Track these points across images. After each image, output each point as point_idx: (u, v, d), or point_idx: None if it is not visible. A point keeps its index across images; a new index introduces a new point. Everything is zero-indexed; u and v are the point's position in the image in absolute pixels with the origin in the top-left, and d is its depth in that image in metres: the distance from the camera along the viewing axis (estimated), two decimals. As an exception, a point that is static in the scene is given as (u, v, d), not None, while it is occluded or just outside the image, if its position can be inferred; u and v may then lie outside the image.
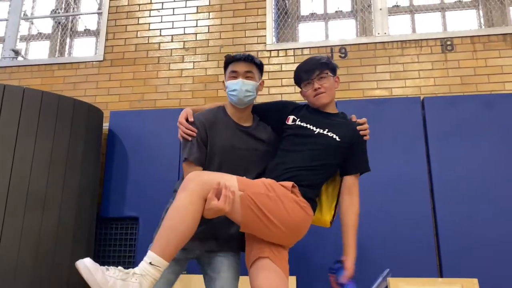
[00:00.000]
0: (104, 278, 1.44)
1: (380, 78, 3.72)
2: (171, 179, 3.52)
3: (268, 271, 1.69)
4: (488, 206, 3.11)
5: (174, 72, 4.05)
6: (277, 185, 1.70)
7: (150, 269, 1.49)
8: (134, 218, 3.52)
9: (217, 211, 1.57)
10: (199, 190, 1.58)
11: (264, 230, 1.65)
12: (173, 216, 1.56)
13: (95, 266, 1.46)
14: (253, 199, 1.60)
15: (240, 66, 1.90)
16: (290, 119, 1.93)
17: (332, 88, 1.93)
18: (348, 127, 1.89)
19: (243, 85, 1.87)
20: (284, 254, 1.76)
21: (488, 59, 3.63)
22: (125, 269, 1.49)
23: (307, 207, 1.73)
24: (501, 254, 3.01)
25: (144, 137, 3.70)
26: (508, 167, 3.19)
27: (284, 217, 1.64)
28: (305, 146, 1.84)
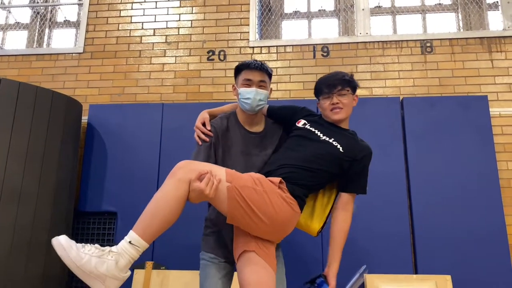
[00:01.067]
0: (78, 255, 1.43)
1: (361, 78, 3.76)
2: (150, 174, 3.50)
3: (254, 265, 1.70)
4: (463, 204, 3.20)
5: (156, 66, 4.01)
6: (265, 180, 1.71)
7: (129, 248, 1.50)
8: (112, 213, 3.48)
9: (199, 193, 1.58)
10: (185, 176, 1.59)
11: (249, 223, 1.66)
12: (157, 200, 1.58)
13: (69, 243, 1.45)
14: (240, 192, 1.61)
15: (254, 75, 1.93)
16: (301, 122, 1.98)
17: (350, 106, 1.95)
18: (354, 143, 1.91)
19: (256, 94, 1.91)
20: (271, 249, 1.76)
21: (465, 62, 3.71)
22: (101, 247, 1.49)
23: (294, 204, 1.74)
24: (473, 252, 3.10)
25: (124, 131, 3.66)
26: (482, 166, 3.29)
27: (270, 211, 1.65)
28: (307, 148, 1.86)
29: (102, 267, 1.44)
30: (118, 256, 1.48)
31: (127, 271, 1.51)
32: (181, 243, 3.29)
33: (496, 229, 3.17)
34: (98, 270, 1.44)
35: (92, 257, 1.45)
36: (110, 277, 1.46)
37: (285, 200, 1.71)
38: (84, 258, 1.44)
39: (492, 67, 3.67)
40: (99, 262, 1.44)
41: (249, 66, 1.94)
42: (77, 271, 1.44)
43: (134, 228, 1.54)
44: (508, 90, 3.60)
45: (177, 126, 3.61)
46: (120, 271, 1.48)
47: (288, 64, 3.88)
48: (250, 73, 1.94)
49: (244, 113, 1.98)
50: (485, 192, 3.24)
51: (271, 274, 1.70)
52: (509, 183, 3.37)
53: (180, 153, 3.55)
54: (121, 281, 1.49)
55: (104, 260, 1.45)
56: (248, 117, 1.99)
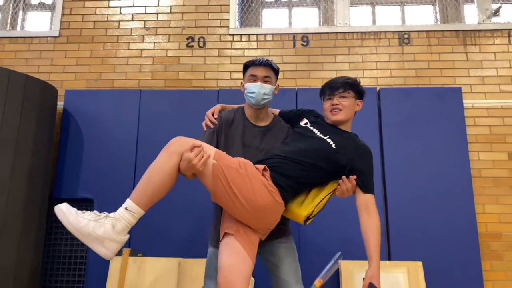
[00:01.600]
0: (76, 219, 1.58)
1: (339, 68, 3.80)
2: (128, 161, 3.48)
3: (231, 249, 1.75)
4: (435, 193, 3.29)
5: (134, 52, 3.95)
6: (250, 165, 1.79)
7: (125, 213, 1.63)
8: (88, 199, 3.44)
9: (188, 163, 1.67)
10: (178, 149, 1.69)
11: (230, 203, 1.72)
12: (151, 170, 1.69)
13: (69, 209, 1.60)
14: (223, 171, 1.69)
15: (259, 71, 2.05)
16: (303, 121, 2.07)
17: (351, 109, 2.00)
18: (350, 142, 1.93)
19: (261, 88, 2.02)
20: (253, 237, 1.79)
21: (441, 54, 3.78)
22: (99, 213, 1.63)
23: (275, 192, 1.76)
24: (444, 239, 3.20)
25: (100, 117, 3.61)
26: (455, 156, 3.38)
27: (249, 195, 1.70)
28: (301, 143, 1.91)
29: (99, 230, 1.57)
30: (115, 220, 1.61)
31: (125, 235, 1.63)
32: (158, 230, 3.30)
33: (467, 218, 3.27)
34: (95, 232, 1.57)
35: (90, 221, 1.58)
36: (108, 239, 1.58)
37: (267, 187, 1.74)
38: (82, 222, 1.57)
39: (466, 60, 3.76)
40: (97, 226, 1.57)
41: (254, 62, 2.07)
42: (76, 233, 1.58)
43: (130, 196, 1.67)
44: (481, 83, 3.69)
45: (155, 113, 3.58)
46: (118, 234, 1.60)
47: (268, 53, 3.88)
48: (256, 69, 2.06)
49: (251, 107, 2.09)
50: (457, 182, 3.33)
51: (246, 261, 1.73)
52: (479, 173, 3.47)
53: (158, 140, 3.52)
54: (119, 243, 1.61)
55: (101, 224, 1.58)
56: (254, 112, 2.09)
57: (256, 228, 1.82)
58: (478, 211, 3.34)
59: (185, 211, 3.30)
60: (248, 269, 1.74)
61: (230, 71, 3.83)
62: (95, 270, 3.25)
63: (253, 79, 2.06)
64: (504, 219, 3.38)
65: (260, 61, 2.06)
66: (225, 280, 1.71)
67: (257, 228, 1.82)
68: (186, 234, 3.31)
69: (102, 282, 3.01)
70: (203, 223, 3.33)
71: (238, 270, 1.72)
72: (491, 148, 3.54)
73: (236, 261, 1.73)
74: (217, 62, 3.87)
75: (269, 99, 2.07)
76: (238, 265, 1.73)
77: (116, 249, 1.62)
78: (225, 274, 1.72)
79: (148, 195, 1.66)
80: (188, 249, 3.22)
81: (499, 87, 3.68)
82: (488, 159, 3.51)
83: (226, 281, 1.71)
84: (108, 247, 1.60)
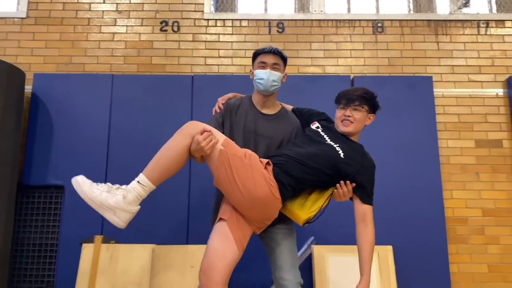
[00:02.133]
0: (90, 189, 1.71)
1: (314, 56, 3.81)
2: (99, 147, 3.42)
3: (220, 233, 1.82)
4: (406, 180, 3.38)
5: (106, 36, 3.85)
6: (255, 157, 1.86)
7: (137, 185, 1.75)
8: (59, 186, 3.37)
9: (197, 146, 1.76)
10: (191, 131, 1.80)
11: (230, 190, 1.80)
12: (164, 148, 1.82)
13: (84, 180, 1.74)
14: (229, 158, 1.78)
15: (269, 58, 2.14)
16: (315, 124, 2.12)
17: (361, 122, 2.04)
18: (357, 153, 1.98)
19: (270, 75, 2.10)
20: (245, 228, 1.84)
21: (413, 43, 3.85)
22: (112, 184, 1.76)
23: (274, 187, 1.80)
24: (413, 224, 3.30)
25: (71, 102, 3.52)
26: (425, 144, 3.48)
27: (249, 184, 1.76)
28: (310, 147, 1.95)
29: (111, 200, 1.71)
30: (126, 192, 1.73)
31: (136, 206, 1.76)
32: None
33: (435, 203, 3.38)
34: (108, 202, 1.70)
35: (103, 192, 1.71)
36: (119, 209, 1.71)
37: (267, 180, 1.79)
38: (96, 192, 1.71)
39: (437, 49, 3.83)
40: (109, 196, 1.71)
41: (264, 50, 2.15)
42: (90, 203, 1.71)
43: (143, 171, 1.78)
44: (451, 72, 3.78)
45: (128, 98, 3.52)
46: (129, 205, 1.73)
47: (243, 39, 3.85)
48: (265, 56, 2.14)
49: (259, 94, 2.17)
50: (427, 169, 3.43)
51: (232, 249, 1.78)
52: (448, 160, 3.58)
53: (130, 126, 3.52)
54: (131, 213, 1.75)
55: (113, 194, 1.72)
56: (262, 99, 2.17)
57: (251, 220, 1.86)
58: (446, 196, 3.46)
59: (158, 198, 3.27)
60: (232, 257, 1.78)
61: (205, 57, 3.79)
62: (66, 258, 3.19)
63: (262, 66, 2.13)
64: (470, 205, 3.51)
65: (270, 49, 2.14)
66: (207, 262, 1.77)
67: (252, 219, 1.86)
68: (160, 221, 3.29)
69: (73, 270, 2.97)
70: (177, 210, 3.33)
71: (222, 255, 1.76)
72: (459, 136, 3.64)
73: (222, 246, 1.78)
74: (191, 47, 3.81)
75: (277, 86, 2.15)
76: (223, 250, 1.77)
77: (127, 219, 1.74)
78: (208, 256, 1.78)
79: (159, 172, 1.77)
80: (162, 236, 3.21)
81: (468, 76, 3.78)
82: (456, 146, 3.62)
83: (208, 264, 1.76)
84: (120, 216, 1.73)
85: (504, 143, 3.63)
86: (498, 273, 3.39)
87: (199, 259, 1.85)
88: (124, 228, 1.77)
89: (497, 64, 3.80)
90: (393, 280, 2.88)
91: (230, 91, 2.33)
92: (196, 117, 3.45)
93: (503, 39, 3.86)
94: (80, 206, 3.23)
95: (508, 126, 3.66)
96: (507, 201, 3.51)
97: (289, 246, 2.09)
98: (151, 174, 1.76)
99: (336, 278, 2.90)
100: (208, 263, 1.76)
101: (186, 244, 3.17)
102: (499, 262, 3.40)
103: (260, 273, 3.13)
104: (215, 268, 1.74)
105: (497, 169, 3.57)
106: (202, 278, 1.76)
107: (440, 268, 3.27)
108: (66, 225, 3.30)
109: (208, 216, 2.30)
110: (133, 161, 2.49)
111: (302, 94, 3.44)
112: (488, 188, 3.54)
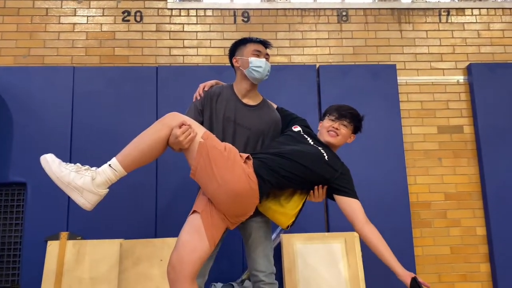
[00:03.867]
0: (59, 169, 1.68)
1: (280, 45, 3.81)
2: (62, 141, 3.33)
3: (191, 226, 1.81)
4: (371, 166, 3.45)
5: (65, 26, 3.72)
6: (235, 151, 1.85)
7: (107, 169, 1.72)
8: (21, 183, 3.27)
9: (175, 139, 1.75)
10: (170, 122, 1.78)
11: (207, 182, 1.78)
12: (141, 136, 1.79)
13: (53, 158, 1.71)
14: (208, 150, 1.76)
15: (262, 48, 2.17)
16: (297, 128, 2.17)
17: (345, 138, 2.14)
18: (337, 160, 2.05)
19: (266, 65, 2.14)
20: (218, 223, 1.83)
21: (377, 32, 3.89)
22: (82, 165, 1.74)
23: (253, 181, 1.80)
24: (378, 210, 3.33)
25: (31, 96, 3.40)
26: (389, 131, 3.55)
27: (227, 176, 1.75)
28: (295, 146, 1.98)
29: (79, 181, 1.67)
30: (96, 174, 1.70)
31: (104, 189, 1.72)
32: (97, 212, 3.19)
33: (400, 189, 3.47)
34: (75, 182, 1.66)
35: (71, 172, 1.68)
36: (87, 190, 1.68)
37: (246, 174, 1.78)
38: (64, 171, 1.67)
39: (401, 38, 3.90)
40: (77, 176, 1.67)
41: (253, 39, 2.18)
42: (57, 181, 1.67)
43: (117, 155, 1.76)
44: (414, 60, 3.86)
45: (91, 91, 3.44)
46: (97, 187, 1.69)
47: (208, 29, 3.80)
48: (259, 45, 2.16)
49: (246, 83, 2.16)
50: (391, 155, 3.51)
51: (202, 243, 1.77)
52: (412, 146, 3.66)
53: (94, 119, 3.44)
54: (98, 195, 1.71)
55: (82, 175, 1.68)
56: (247, 88, 2.16)
57: (227, 215, 1.85)
58: (410, 182, 3.55)
59: (125, 192, 3.22)
60: (202, 250, 1.77)
61: (169, 47, 3.73)
62: (31, 257, 3.12)
63: (257, 54, 2.14)
64: (433, 189, 3.62)
65: (261, 40, 2.18)
66: (177, 255, 1.76)
67: (227, 214, 1.85)
68: (127, 215, 3.25)
69: (39, 269, 2.90)
70: (144, 203, 3.29)
71: (191, 248, 1.76)
72: (422, 123, 3.74)
73: (192, 240, 1.77)
74: (155, 37, 3.74)
75: (267, 77, 2.17)
76: (193, 244, 1.76)
77: (94, 201, 1.71)
78: (178, 249, 1.77)
79: (131, 158, 1.74)
80: (130, 230, 3.17)
81: (430, 64, 3.87)
82: (419, 133, 3.71)
83: (177, 257, 1.76)
84: (86, 197, 1.69)
85: (465, 128, 3.74)
86: (460, 254, 3.52)
87: (168, 252, 1.84)
88: (90, 210, 1.74)
89: (458, 51, 3.90)
90: (360, 265, 2.95)
91: (195, 82, 2.31)
92: (162, 109, 3.41)
93: (463, 27, 3.95)
94: (43, 203, 3.21)
95: (468, 112, 3.77)
96: (468, 185, 3.64)
97: (263, 237, 2.12)
98: (124, 160, 1.74)
99: (305, 265, 2.94)
100: (177, 256, 1.76)
101: (154, 237, 3.15)
102: (461, 243, 3.54)
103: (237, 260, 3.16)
104: (184, 261, 1.73)
105: (459, 154, 3.69)
106: (170, 272, 1.76)
107: (405, 252, 3.36)
108: (29, 222, 3.21)
109: (176, 209, 2.30)
110: (97, 155, 2.42)
111: (268, 83, 3.42)
112: (450, 173, 3.65)
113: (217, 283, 2.99)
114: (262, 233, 2.12)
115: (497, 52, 3.92)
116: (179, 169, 3.28)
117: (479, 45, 3.92)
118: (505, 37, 3.95)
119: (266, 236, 2.13)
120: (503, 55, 3.91)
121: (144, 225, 3.25)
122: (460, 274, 3.49)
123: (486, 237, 3.54)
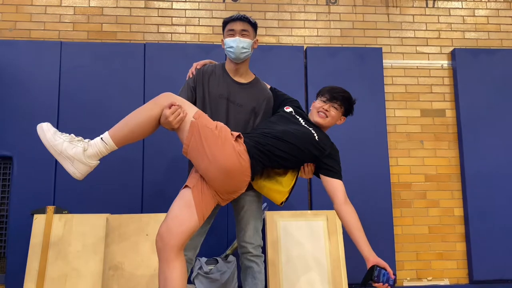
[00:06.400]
0: (53, 137, 1.74)
1: (268, 25, 3.82)
2: (49, 116, 3.33)
3: (182, 200, 1.87)
4: (354, 147, 3.52)
5: (53, 1, 3.67)
6: (226, 129, 1.90)
7: (99, 142, 1.78)
8: (7, 157, 3.28)
9: (165, 120, 1.80)
10: (162, 102, 1.83)
11: (199, 160, 1.83)
12: (134, 113, 1.84)
13: (49, 127, 1.77)
14: (199, 129, 1.81)
15: (236, 25, 2.16)
16: (289, 108, 2.21)
17: (334, 120, 2.18)
18: (327, 140, 2.11)
19: (239, 42, 2.13)
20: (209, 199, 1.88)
21: (365, 15, 3.93)
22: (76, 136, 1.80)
23: (244, 160, 1.85)
24: (361, 189, 3.45)
25: (18, 70, 3.38)
26: (374, 113, 3.62)
27: (217, 153, 1.80)
28: (286, 125, 2.04)
29: (71, 150, 1.73)
30: (87, 145, 1.77)
31: (95, 161, 1.78)
32: (84, 186, 3.23)
33: (381, 170, 3.56)
34: (67, 151, 1.73)
35: (64, 141, 1.74)
36: (77, 160, 1.74)
37: (236, 151, 1.83)
38: (58, 140, 1.74)
39: (388, 21, 3.94)
40: (69, 146, 1.74)
41: (231, 18, 2.18)
42: (51, 149, 1.74)
43: (109, 130, 1.81)
44: (400, 44, 3.91)
45: (78, 66, 3.43)
46: (88, 158, 1.76)
47: (197, 7, 3.80)
48: (233, 23, 2.17)
49: (231, 62, 2.21)
50: (374, 137, 3.59)
51: (192, 217, 1.82)
52: (395, 128, 3.75)
53: (81, 94, 3.44)
54: (88, 166, 1.78)
55: (74, 145, 1.75)
56: (234, 66, 2.21)
57: (218, 192, 1.90)
58: (391, 163, 3.64)
59: (112, 167, 3.25)
60: (191, 224, 1.83)
61: (158, 24, 3.72)
62: (17, 230, 3.15)
63: (231, 34, 2.16)
64: (414, 171, 3.72)
65: (237, 16, 2.17)
66: (166, 226, 1.82)
67: (219, 191, 1.90)
68: (114, 190, 3.29)
69: (25, 242, 2.93)
70: (131, 178, 3.33)
71: (180, 221, 1.81)
72: (405, 106, 3.81)
73: (182, 213, 1.83)
74: (143, 14, 3.72)
75: (248, 53, 2.18)
76: (183, 217, 1.82)
77: (85, 171, 1.78)
78: (167, 221, 1.83)
79: (123, 133, 1.80)
80: (116, 205, 3.21)
81: (415, 48, 3.93)
82: (402, 115, 3.79)
83: (165, 227, 1.82)
84: (77, 167, 1.75)
85: (447, 112, 3.83)
86: (437, 233, 3.65)
87: (154, 227, 1.89)
88: (81, 179, 1.80)
89: (443, 36, 3.97)
90: (341, 243, 3.04)
91: (183, 60, 2.35)
92: (149, 86, 3.43)
93: (449, 12, 4.01)
94: (30, 177, 3.22)
95: (451, 97, 3.86)
96: (448, 167, 3.74)
97: (256, 211, 2.19)
98: (116, 134, 1.79)
99: (287, 241, 3.02)
100: (166, 227, 1.81)
101: (140, 213, 3.20)
102: (439, 223, 3.66)
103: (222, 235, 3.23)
104: (172, 232, 1.79)
105: (440, 137, 3.79)
106: (158, 241, 1.82)
107: (385, 230, 3.48)
108: (15, 196, 3.23)
109: (162, 185, 2.33)
110: (84, 130, 2.44)
111: (257, 63, 3.45)
112: (431, 155, 3.75)
113: (201, 258, 3.06)
114: (255, 207, 2.19)
115: (481, 38, 3.99)
116: (166, 145, 3.33)
117: (463, 31, 3.99)
118: (489, 23, 4.02)
119: (258, 210, 2.21)
120: (487, 41, 3.99)
121: (130, 201, 3.30)
122: (437, 252, 3.62)
123: (463, 218, 3.67)
